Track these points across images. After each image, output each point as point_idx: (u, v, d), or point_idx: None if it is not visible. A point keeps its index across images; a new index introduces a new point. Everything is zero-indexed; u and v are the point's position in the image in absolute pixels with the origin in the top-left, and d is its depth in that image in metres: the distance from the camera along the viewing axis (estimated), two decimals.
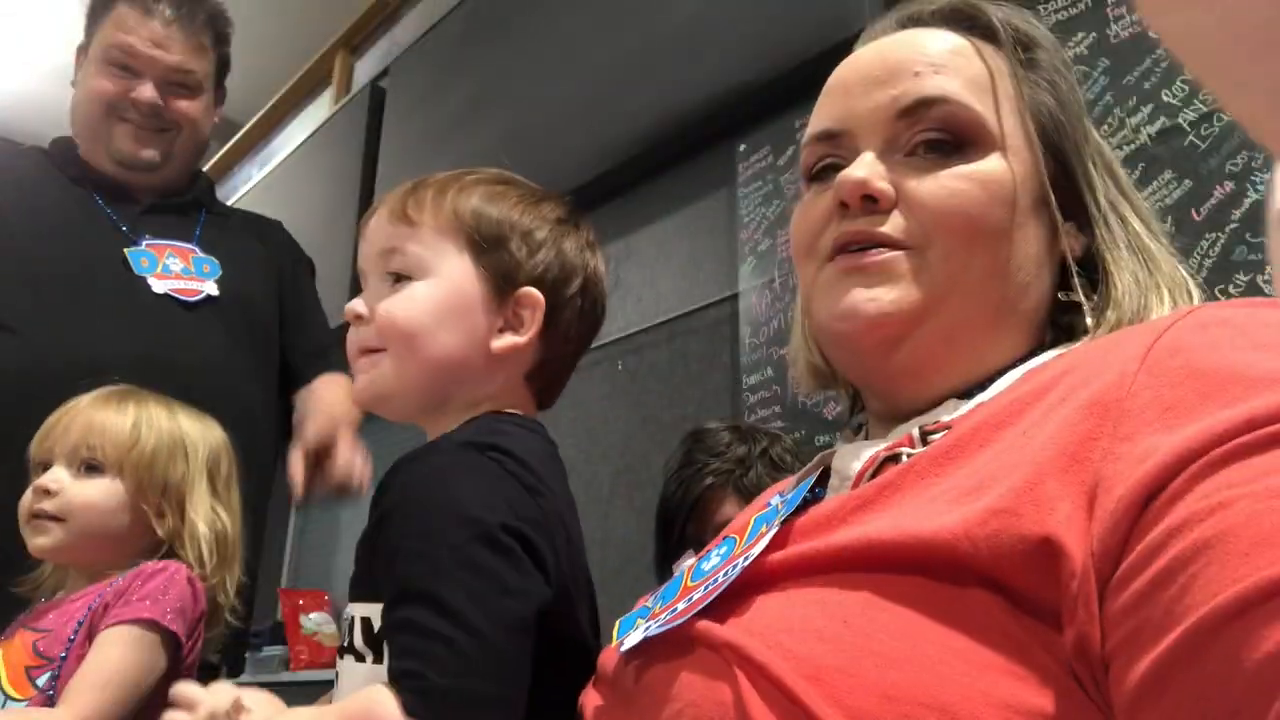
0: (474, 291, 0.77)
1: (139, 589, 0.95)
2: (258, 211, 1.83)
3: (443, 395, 0.77)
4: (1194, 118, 1.32)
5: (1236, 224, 1.25)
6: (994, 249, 0.54)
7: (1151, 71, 1.38)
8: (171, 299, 1.36)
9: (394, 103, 3.23)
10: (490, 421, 0.75)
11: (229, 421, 1.30)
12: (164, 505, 1.02)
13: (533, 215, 0.80)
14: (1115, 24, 1.44)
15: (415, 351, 0.76)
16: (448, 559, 0.62)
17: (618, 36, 2.28)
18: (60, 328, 1.27)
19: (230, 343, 1.40)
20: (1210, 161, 1.29)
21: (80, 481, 1.00)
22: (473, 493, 0.65)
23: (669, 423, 1.99)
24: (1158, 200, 1.33)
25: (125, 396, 1.05)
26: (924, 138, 0.55)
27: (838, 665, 0.40)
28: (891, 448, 0.53)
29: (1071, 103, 0.59)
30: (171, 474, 1.03)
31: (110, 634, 0.91)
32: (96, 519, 1.00)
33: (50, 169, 1.43)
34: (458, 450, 0.69)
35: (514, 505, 0.65)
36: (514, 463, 0.68)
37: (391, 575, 0.64)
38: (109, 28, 1.41)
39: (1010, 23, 0.60)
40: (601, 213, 2.28)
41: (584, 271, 0.82)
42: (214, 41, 1.49)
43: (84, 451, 1.01)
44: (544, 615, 0.63)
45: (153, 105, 1.41)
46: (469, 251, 0.77)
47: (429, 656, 0.58)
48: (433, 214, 0.77)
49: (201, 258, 1.43)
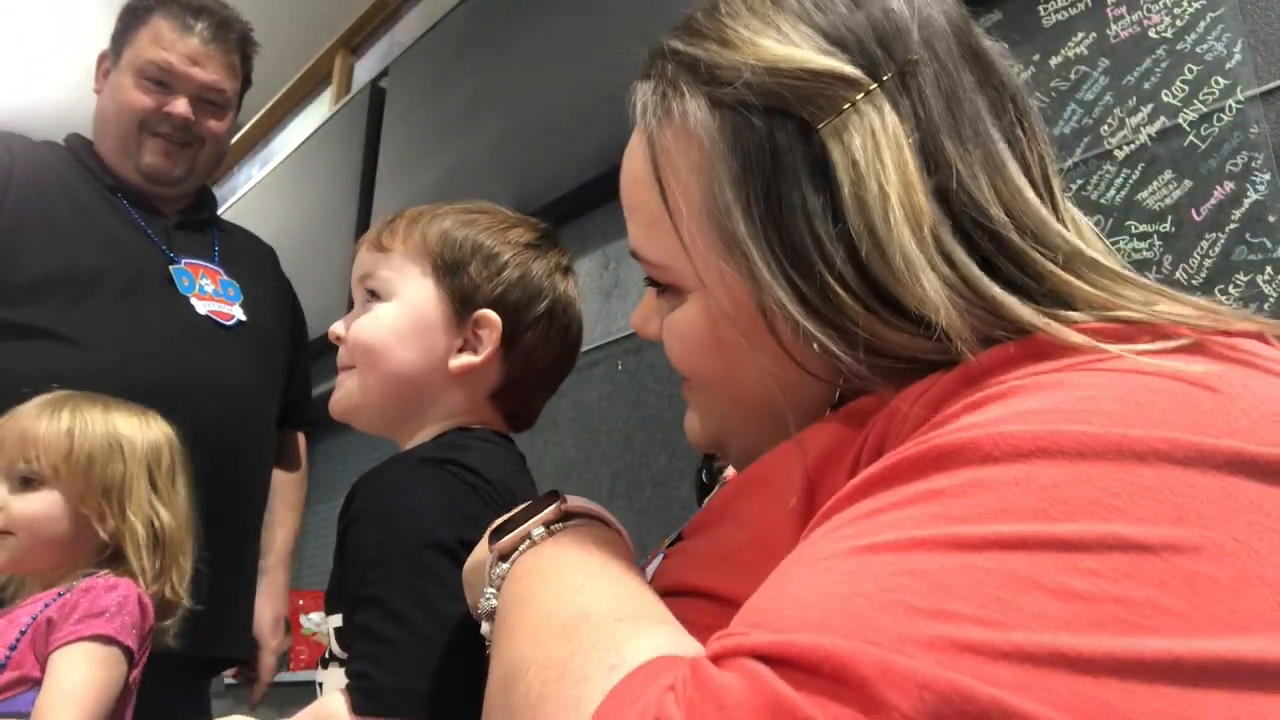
0: (433, 313, 0.81)
1: (89, 605, 0.95)
2: (258, 211, 1.87)
3: (405, 409, 0.82)
4: (1194, 118, 1.32)
5: (1236, 224, 1.25)
6: (726, 390, 0.54)
7: (1151, 71, 1.38)
8: (213, 320, 1.41)
9: (394, 103, 3.23)
10: (454, 437, 0.79)
11: (253, 441, 1.42)
12: (105, 508, 1.03)
13: (498, 239, 0.84)
14: (1115, 24, 1.44)
15: (376, 366, 0.81)
16: (399, 565, 0.65)
17: (618, 36, 2.28)
18: (121, 343, 1.29)
19: (255, 365, 1.46)
20: (1210, 161, 1.29)
21: (19, 496, 1.02)
22: (429, 504, 0.69)
23: (669, 423, 1.99)
24: (1158, 200, 1.33)
25: (61, 403, 1.06)
26: (653, 286, 0.57)
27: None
28: None
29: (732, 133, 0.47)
30: (110, 476, 1.04)
31: (71, 652, 0.92)
32: (41, 529, 1.01)
33: (83, 172, 1.44)
34: (416, 465, 0.73)
35: (468, 517, 0.68)
36: (471, 475, 0.71)
37: (353, 582, 0.67)
38: (145, 40, 1.42)
39: (656, 80, 0.51)
40: (601, 213, 2.28)
41: (551, 294, 0.85)
42: (242, 60, 1.52)
43: (20, 465, 1.02)
44: None
45: (185, 120, 1.43)
46: (432, 275, 0.82)
47: (375, 658, 0.63)
48: (403, 240, 0.83)
49: (227, 280, 1.48)
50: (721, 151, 0.47)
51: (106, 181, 1.43)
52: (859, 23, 0.47)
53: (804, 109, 0.45)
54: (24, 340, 1.26)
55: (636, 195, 0.53)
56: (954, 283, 0.43)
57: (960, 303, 0.43)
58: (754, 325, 0.48)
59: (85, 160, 1.45)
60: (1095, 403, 0.36)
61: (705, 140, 0.47)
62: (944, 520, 0.33)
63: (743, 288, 0.48)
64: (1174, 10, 1.37)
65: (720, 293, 0.49)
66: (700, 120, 0.48)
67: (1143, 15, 1.41)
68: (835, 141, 0.45)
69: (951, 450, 0.36)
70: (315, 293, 3.07)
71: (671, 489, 1.91)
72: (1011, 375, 0.39)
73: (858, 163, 0.44)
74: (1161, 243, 1.32)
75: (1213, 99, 1.30)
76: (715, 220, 0.47)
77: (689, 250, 0.50)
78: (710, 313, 0.51)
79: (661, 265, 0.53)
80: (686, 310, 0.53)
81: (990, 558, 0.32)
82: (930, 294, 0.43)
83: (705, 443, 0.59)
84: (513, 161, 2.52)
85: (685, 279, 0.52)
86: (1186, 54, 1.35)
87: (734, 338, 0.50)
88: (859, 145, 0.44)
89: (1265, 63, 1.27)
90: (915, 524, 0.34)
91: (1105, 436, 0.34)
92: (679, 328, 0.53)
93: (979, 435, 0.36)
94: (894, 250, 0.43)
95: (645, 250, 0.54)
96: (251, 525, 1.48)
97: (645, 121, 0.51)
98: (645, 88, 0.52)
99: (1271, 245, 1.21)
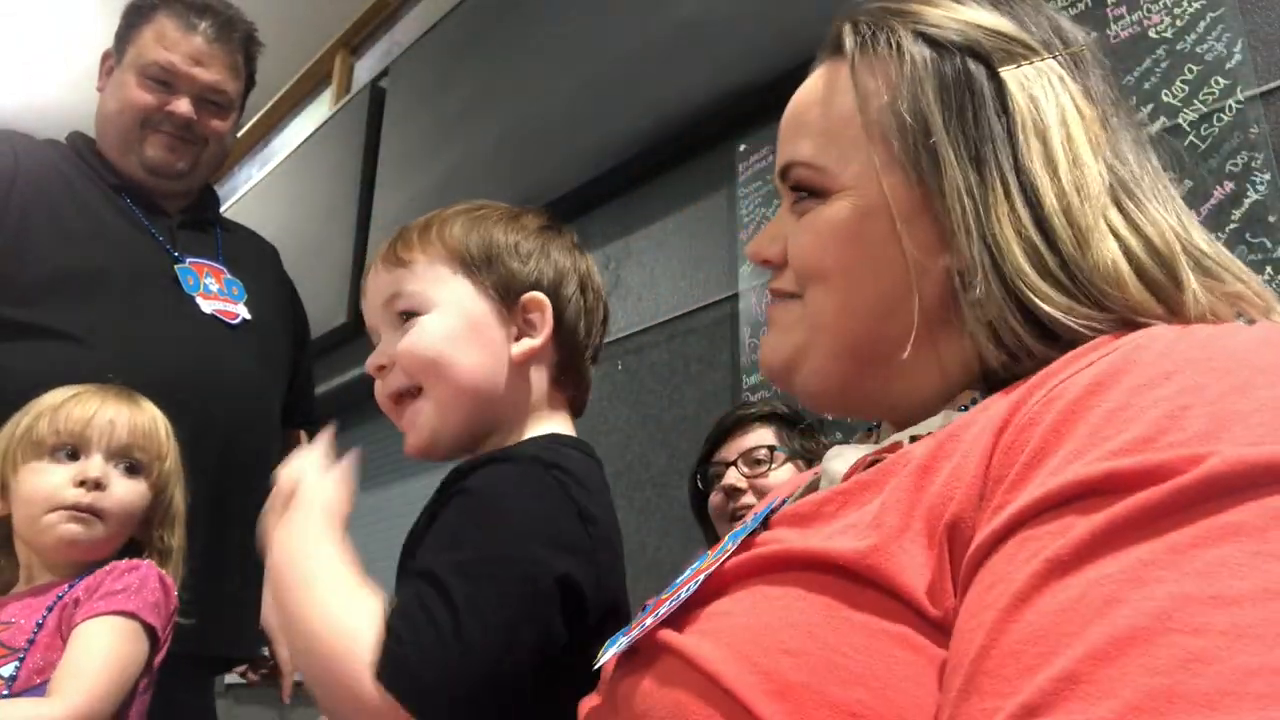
0: (480, 309, 0.80)
1: (112, 584, 0.95)
2: (258, 211, 1.88)
3: (486, 417, 0.80)
4: (1194, 118, 1.32)
5: (1236, 224, 1.25)
6: (845, 288, 0.56)
7: (1151, 71, 1.38)
8: (218, 320, 1.40)
9: (394, 103, 3.23)
10: (554, 440, 0.78)
11: (259, 439, 1.42)
12: (160, 517, 1.04)
13: (515, 229, 0.84)
14: (1115, 24, 1.44)
15: (445, 379, 0.78)
16: (491, 566, 0.65)
17: (618, 36, 2.28)
18: (128, 344, 1.29)
19: (260, 364, 1.46)
20: (1210, 161, 1.29)
21: (124, 480, 1.01)
22: (538, 514, 0.68)
23: (669, 423, 1.99)
24: None
25: (133, 397, 1.07)
26: (796, 194, 0.60)
27: (803, 682, 0.40)
28: (878, 453, 0.54)
29: (951, 86, 0.53)
30: (175, 489, 1.06)
31: (92, 625, 0.91)
32: (128, 520, 1.01)
33: (87, 170, 1.43)
34: (529, 462, 0.71)
35: (568, 538, 0.68)
36: (576, 486, 0.71)
37: (440, 539, 0.68)
38: (148, 39, 1.42)
39: (865, 24, 0.58)
40: (601, 213, 2.28)
41: (577, 271, 0.85)
42: (246, 61, 1.52)
43: (135, 453, 1.02)
44: (579, 645, 0.65)
45: (187, 119, 1.43)
46: (465, 274, 0.80)
47: (418, 627, 0.62)
48: (422, 249, 0.81)
49: (231, 279, 1.48)
50: (924, 70, 0.54)
51: (110, 180, 1.43)
52: (1039, 19, 0.56)
53: (995, 55, 0.53)
54: (32, 340, 1.25)
55: (813, 111, 0.59)
56: (1128, 237, 0.48)
57: (1133, 263, 0.48)
58: (890, 231, 0.54)
59: (88, 159, 1.45)
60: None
61: (910, 62, 0.54)
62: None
63: (905, 191, 0.53)
64: (1174, 10, 1.37)
65: (873, 191, 0.54)
66: (909, 47, 0.55)
67: (1143, 15, 1.41)
68: (1016, 83, 0.52)
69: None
70: (315, 293, 3.07)
71: (671, 489, 1.91)
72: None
73: (1036, 98, 0.52)
74: None
75: (1213, 99, 1.30)
76: (909, 118, 0.53)
77: (860, 150, 0.55)
78: (857, 209, 0.55)
79: (820, 167, 0.57)
80: (831, 206, 0.56)
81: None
82: (1101, 239, 0.48)
83: (780, 360, 0.59)
84: (512, 161, 2.53)
85: (838, 180, 0.56)
86: (1186, 54, 1.35)
87: (875, 234, 0.54)
88: (1039, 88, 0.52)
89: (1265, 63, 1.27)
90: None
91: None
92: (819, 223, 0.57)
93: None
94: (1063, 159, 0.50)
95: (806, 155, 0.58)
96: (258, 524, 1.49)
97: (850, 47, 0.57)
98: (849, 28, 0.58)
99: (1271, 245, 1.21)
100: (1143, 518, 0.34)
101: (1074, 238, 0.48)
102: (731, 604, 0.47)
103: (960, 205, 0.51)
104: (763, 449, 1.40)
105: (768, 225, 0.63)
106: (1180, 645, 0.30)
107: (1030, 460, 0.39)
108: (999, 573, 0.37)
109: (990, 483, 0.41)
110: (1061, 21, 0.56)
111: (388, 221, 2.95)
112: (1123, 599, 0.32)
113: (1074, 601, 0.33)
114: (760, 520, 0.54)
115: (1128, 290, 0.47)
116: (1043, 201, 0.49)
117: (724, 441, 1.46)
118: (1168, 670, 0.30)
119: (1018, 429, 0.42)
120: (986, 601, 0.36)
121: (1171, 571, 0.32)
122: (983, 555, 0.38)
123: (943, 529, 0.41)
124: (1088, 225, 0.48)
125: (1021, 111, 0.51)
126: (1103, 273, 0.47)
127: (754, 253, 0.63)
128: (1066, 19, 0.58)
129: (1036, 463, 0.39)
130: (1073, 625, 0.32)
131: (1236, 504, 0.33)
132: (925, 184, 0.53)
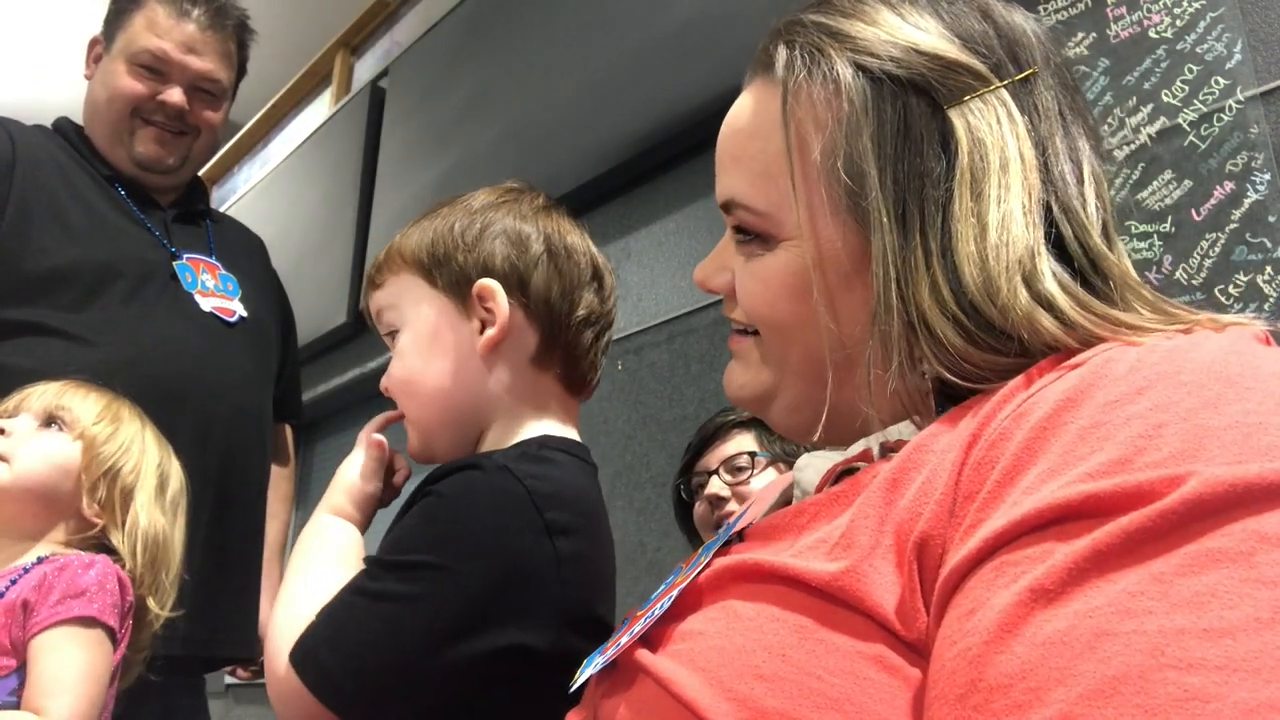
0: (439, 313, 0.80)
1: (68, 585, 0.92)
2: (258, 211, 1.86)
3: (465, 419, 0.80)
4: (1194, 118, 1.32)
5: (1236, 224, 1.25)
6: (803, 339, 0.54)
7: (1151, 71, 1.38)
8: (216, 318, 1.40)
9: (394, 103, 3.23)
10: (543, 442, 0.77)
11: (257, 437, 1.41)
12: (105, 488, 1.01)
13: (463, 214, 0.83)
14: (1115, 24, 1.44)
15: (415, 396, 0.80)
16: (426, 572, 0.66)
17: (617, 37, 2.28)
18: (131, 343, 1.29)
19: (256, 362, 1.46)
20: (1210, 161, 1.29)
21: (40, 431, 1.01)
22: (490, 526, 0.68)
23: (669, 423, 1.99)
24: (1158, 200, 1.33)
25: (104, 393, 1.07)
26: (740, 234, 0.58)
27: (778, 708, 0.40)
28: (848, 461, 0.53)
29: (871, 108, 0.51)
30: (123, 462, 1.03)
31: (55, 637, 0.90)
32: (43, 471, 0.99)
33: (79, 159, 1.41)
34: (497, 471, 0.71)
35: (521, 557, 0.68)
36: (546, 498, 0.70)
37: (392, 538, 0.70)
38: (139, 25, 1.39)
39: (800, 46, 0.54)
40: (601, 213, 2.28)
41: (540, 231, 0.82)
42: (238, 49, 1.49)
43: (55, 409, 1.02)
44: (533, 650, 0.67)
45: (179, 109, 1.40)
46: (425, 280, 0.81)
47: (336, 619, 0.66)
48: (390, 267, 0.83)
49: (225, 275, 1.47)
50: (862, 112, 0.51)
51: (103, 171, 1.41)
52: (987, 32, 0.52)
53: (937, 89, 0.50)
54: (35, 337, 1.24)
55: (750, 145, 0.56)
56: (1065, 281, 0.46)
57: (1067, 298, 0.46)
58: (841, 280, 0.52)
59: (79, 147, 1.42)
60: None
61: (847, 100, 0.51)
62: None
63: (844, 241, 0.51)
64: (1174, 10, 1.37)
65: (818, 243, 0.52)
66: (846, 82, 0.51)
67: (1143, 15, 1.41)
68: (960, 121, 0.49)
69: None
70: (315, 293, 3.07)
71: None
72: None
73: (981, 141, 0.49)
74: (1161, 243, 1.32)
75: (1213, 99, 1.30)
76: (844, 173, 0.51)
77: (799, 199, 0.52)
78: (801, 261, 0.53)
79: (763, 213, 0.55)
80: (777, 257, 0.54)
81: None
82: (1021, 296, 0.46)
83: (749, 395, 0.59)
84: (512, 162, 2.52)
85: (782, 228, 0.54)
86: (1186, 54, 1.35)
87: (820, 287, 0.52)
88: (984, 127, 0.49)
89: (1265, 63, 1.27)
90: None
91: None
92: (766, 273, 0.55)
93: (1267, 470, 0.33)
94: (994, 221, 0.47)
95: (747, 198, 0.55)
96: (256, 523, 1.48)
97: (784, 77, 0.54)
98: (783, 49, 0.55)
99: (1271, 245, 1.21)
100: (1126, 544, 0.33)
101: (994, 306, 0.46)
102: (705, 622, 0.46)
103: (884, 270, 0.49)
104: (743, 455, 1.40)
105: (712, 253, 0.61)
106: (1176, 683, 0.30)
107: (1003, 478, 0.39)
108: (978, 598, 0.36)
109: (960, 498, 0.40)
110: (1014, 19, 0.53)
111: (388, 221, 2.95)
112: (1112, 632, 0.32)
113: (1062, 635, 0.32)
114: (732, 530, 0.54)
115: (1054, 340, 0.45)
116: (962, 273, 0.47)
117: (705, 450, 1.45)
118: (1165, 710, 0.29)
119: (988, 444, 0.41)
120: (966, 628, 0.36)
121: (1161, 603, 0.32)
122: (958, 578, 0.38)
123: (911, 547, 0.41)
124: (1007, 298, 0.46)
125: (962, 157, 0.48)
126: (1024, 331, 0.45)
127: (701, 280, 0.62)
128: (1020, 13, 0.54)
129: (1009, 480, 0.39)
130: (1063, 660, 0.32)
131: (1219, 526, 0.33)
132: (864, 235, 0.51)
